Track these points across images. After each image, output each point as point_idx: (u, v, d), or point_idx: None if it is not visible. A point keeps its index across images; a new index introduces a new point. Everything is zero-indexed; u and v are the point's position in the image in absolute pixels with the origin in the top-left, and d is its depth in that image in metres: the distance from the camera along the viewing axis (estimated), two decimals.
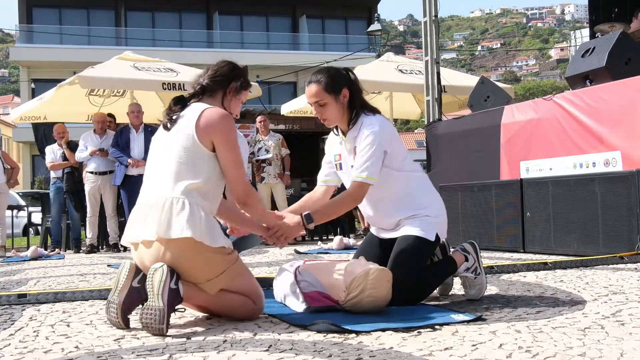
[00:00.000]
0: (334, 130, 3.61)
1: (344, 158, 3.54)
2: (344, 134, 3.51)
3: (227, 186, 3.10)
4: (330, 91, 3.37)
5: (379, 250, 3.57)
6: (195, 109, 3.05)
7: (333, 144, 3.65)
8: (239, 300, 2.99)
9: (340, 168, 3.59)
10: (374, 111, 3.48)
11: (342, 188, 3.64)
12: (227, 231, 3.46)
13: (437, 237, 3.41)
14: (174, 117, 3.09)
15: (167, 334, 2.74)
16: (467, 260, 3.47)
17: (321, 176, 3.72)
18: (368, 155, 3.30)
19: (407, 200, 3.45)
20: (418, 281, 3.31)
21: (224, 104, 3.17)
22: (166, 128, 3.10)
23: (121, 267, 2.91)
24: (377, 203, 3.50)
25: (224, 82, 3.19)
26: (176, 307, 2.88)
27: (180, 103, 3.15)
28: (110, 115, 10.49)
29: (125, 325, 2.87)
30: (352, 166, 3.44)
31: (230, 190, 3.10)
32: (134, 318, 2.94)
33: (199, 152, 2.96)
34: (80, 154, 9.85)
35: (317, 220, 3.34)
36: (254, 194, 3.16)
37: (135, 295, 2.86)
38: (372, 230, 3.70)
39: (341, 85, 3.39)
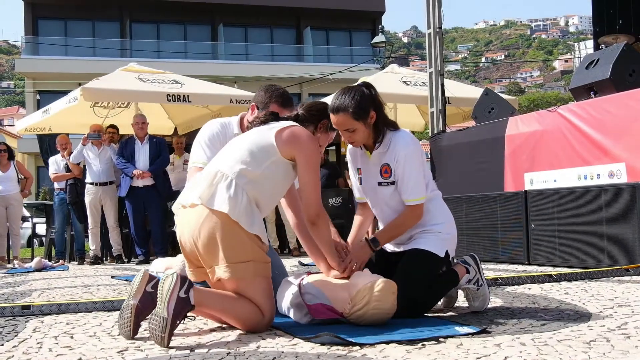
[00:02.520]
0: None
1: (366, 172, 3.58)
2: (368, 149, 3.53)
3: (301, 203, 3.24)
4: (359, 118, 3.35)
5: (385, 262, 3.58)
6: (285, 123, 3.24)
7: (354, 157, 3.68)
8: (250, 309, 3.00)
9: (361, 183, 3.63)
10: (395, 126, 3.53)
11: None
12: None
13: (447, 253, 3.44)
14: (257, 123, 3.30)
15: (170, 344, 2.74)
16: (468, 272, 3.48)
17: (357, 195, 3.77)
18: (414, 176, 3.39)
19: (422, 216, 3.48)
20: (424, 295, 3.31)
21: None
22: (248, 129, 3.34)
23: (137, 275, 2.98)
24: (391, 216, 3.53)
25: (317, 117, 3.38)
26: (187, 315, 2.87)
27: (273, 115, 3.36)
28: (112, 126, 10.51)
29: (134, 332, 2.89)
30: (379, 183, 3.49)
31: (303, 207, 3.23)
32: (139, 330, 2.94)
33: (271, 152, 3.11)
34: (73, 154, 9.87)
35: (382, 242, 3.47)
36: (325, 217, 3.24)
37: (149, 300, 2.90)
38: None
39: (368, 109, 3.38)
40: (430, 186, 3.56)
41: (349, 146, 3.67)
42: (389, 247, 3.64)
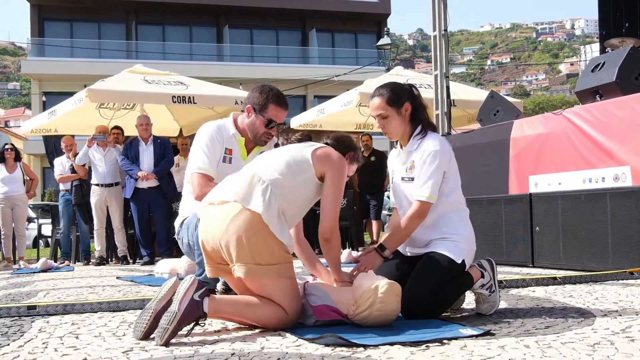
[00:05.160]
0: (395, 144, 3.72)
1: (396, 171, 3.63)
2: (402, 147, 3.62)
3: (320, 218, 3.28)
4: (393, 104, 3.51)
5: (401, 266, 3.59)
6: (320, 143, 3.40)
7: (391, 159, 3.75)
8: (269, 312, 3.04)
9: (392, 182, 3.69)
10: (434, 129, 3.59)
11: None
12: None
13: (464, 262, 3.44)
14: (294, 140, 3.45)
15: (173, 341, 2.78)
16: (483, 276, 3.48)
17: (392, 200, 3.81)
18: (430, 173, 3.42)
19: (443, 225, 3.51)
20: (438, 298, 3.31)
21: None
22: (283, 145, 3.48)
23: (167, 280, 3.02)
24: None
25: (345, 147, 3.47)
26: (199, 322, 2.91)
27: (307, 136, 3.53)
28: (117, 127, 10.53)
29: (146, 335, 2.91)
30: (402, 178, 3.55)
31: (320, 221, 3.26)
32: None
33: (306, 168, 3.21)
34: (78, 156, 9.90)
35: (391, 247, 3.49)
36: (338, 235, 3.31)
37: None
38: (399, 247, 3.73)
39: (403, 100, 3.53)
40: (458, 198, 3.58)
41: (391, 152, 3.77)
42: (408, 250, 3.65)
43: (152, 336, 2.88)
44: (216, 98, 11.08)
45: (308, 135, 3.53)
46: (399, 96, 3.52)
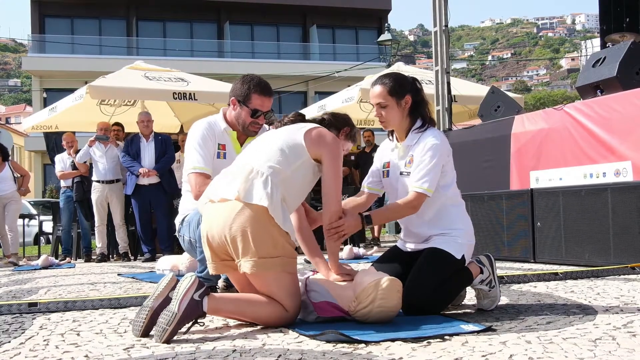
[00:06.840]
0: (389, 136, 3.69)
1: (393, 165, 3.61)
2: (399, 141, 3.59)
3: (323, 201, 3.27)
4: (394, 95, 3.49)
5: (400, 262, 3.58)
6: (312, 125, 3.34)
7: (384, 151, 3.72)
8: (269, 309, 3.04)
9: (387, 176, 3.65)
10: (433, 125, 3.58)
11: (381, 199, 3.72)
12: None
13: (463, 257, 3.44)
14: (287, 122, 3.42)
15: (174, 338, 2.78)
16: (482, 272, 3.48)
17: (366, 182, 3.76)
18: (430, 167, 3.39)
19: (443, 219, 3.51)
20: (438, 294, 3.31)
21: None
22: (276, 127, 3.44)
23: (164, 277, 3.03)
24: (412, 215, 3.52)
25: (341, 123, 3.50)
26: (198, 321, 2.90)
27: (299, 116, 3.50)
28: (118, 124, 10.52)
29: (144, 332, 2.91)
30: (400, 173, 3.53)
31: (324, 205, 3.26)
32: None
33: (301, 152, 3.18)
34: (79, 154, 9.90)
35: (376, 222, 3.50)
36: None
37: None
38: (398, 243, 3.75)
39: (405, 92, 3.51)
40: (454, 191, 3.57)
41: (383, 142, 3.75)
42: (407, 246, 3.65)
43: (151, 333, 2.88)
44: (217, 94, 11.05)
45: (301, 115, 3.50)
46: (402, 87, 3.51)
